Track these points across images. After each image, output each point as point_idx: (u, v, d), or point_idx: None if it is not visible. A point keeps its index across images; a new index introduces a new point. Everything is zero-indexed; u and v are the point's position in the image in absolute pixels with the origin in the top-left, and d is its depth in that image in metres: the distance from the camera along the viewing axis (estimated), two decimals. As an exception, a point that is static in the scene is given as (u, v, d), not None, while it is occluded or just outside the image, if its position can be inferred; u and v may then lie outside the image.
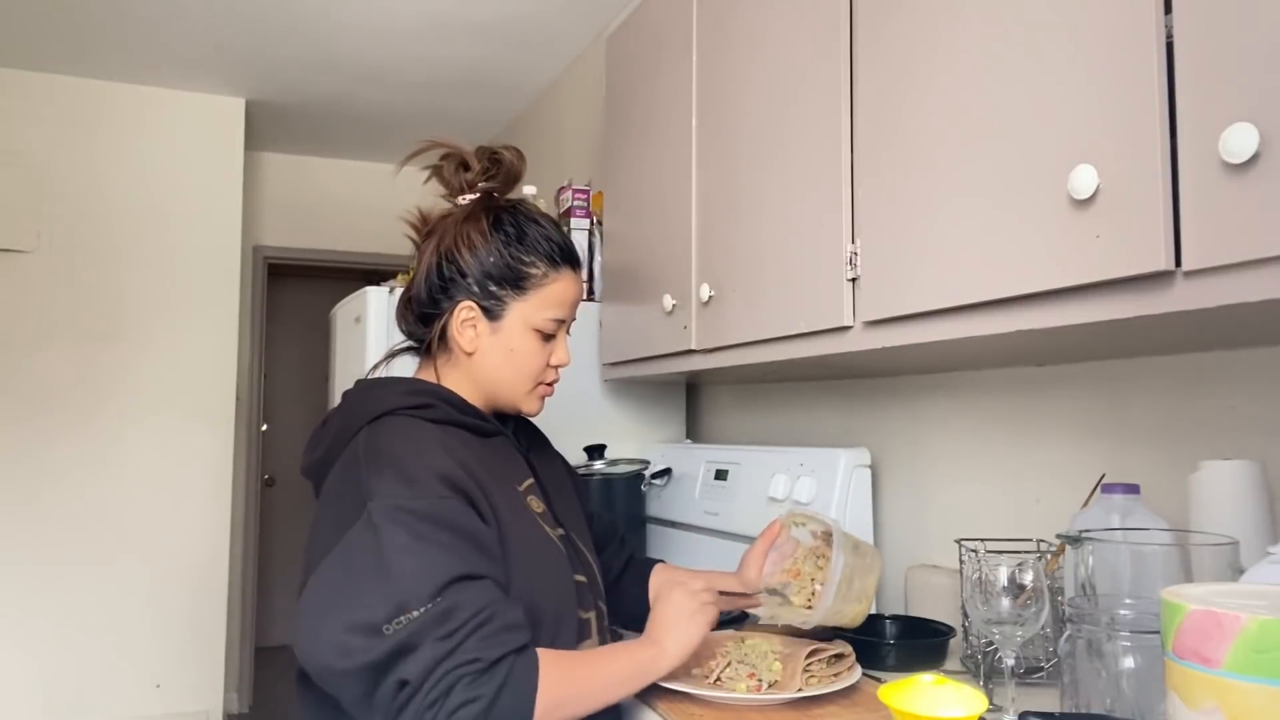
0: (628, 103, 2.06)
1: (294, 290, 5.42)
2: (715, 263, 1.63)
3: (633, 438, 2.32)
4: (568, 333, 1.21)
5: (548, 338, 1.17)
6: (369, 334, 2.19)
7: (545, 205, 2.46)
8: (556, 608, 1.08)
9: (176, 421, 3.58)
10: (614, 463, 2.09)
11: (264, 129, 4.06)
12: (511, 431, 1.22)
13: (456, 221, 1.16)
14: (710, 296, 1.62)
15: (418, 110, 3.80)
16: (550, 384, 1.21)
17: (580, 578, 1.15)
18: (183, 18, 2.96)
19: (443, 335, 1.16)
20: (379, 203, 4.52)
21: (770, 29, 1.49)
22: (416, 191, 1.26)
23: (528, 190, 2.44)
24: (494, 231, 1.15)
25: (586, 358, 2.22)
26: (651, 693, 1.14)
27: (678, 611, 1.09)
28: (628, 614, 1.35)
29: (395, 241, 5.16)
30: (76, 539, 3.41)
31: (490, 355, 1.15)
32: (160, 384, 3.57)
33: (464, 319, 1.14)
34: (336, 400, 2.92)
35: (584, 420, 2.24)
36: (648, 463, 2.13)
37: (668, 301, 1.77)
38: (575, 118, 3.20)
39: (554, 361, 1.19)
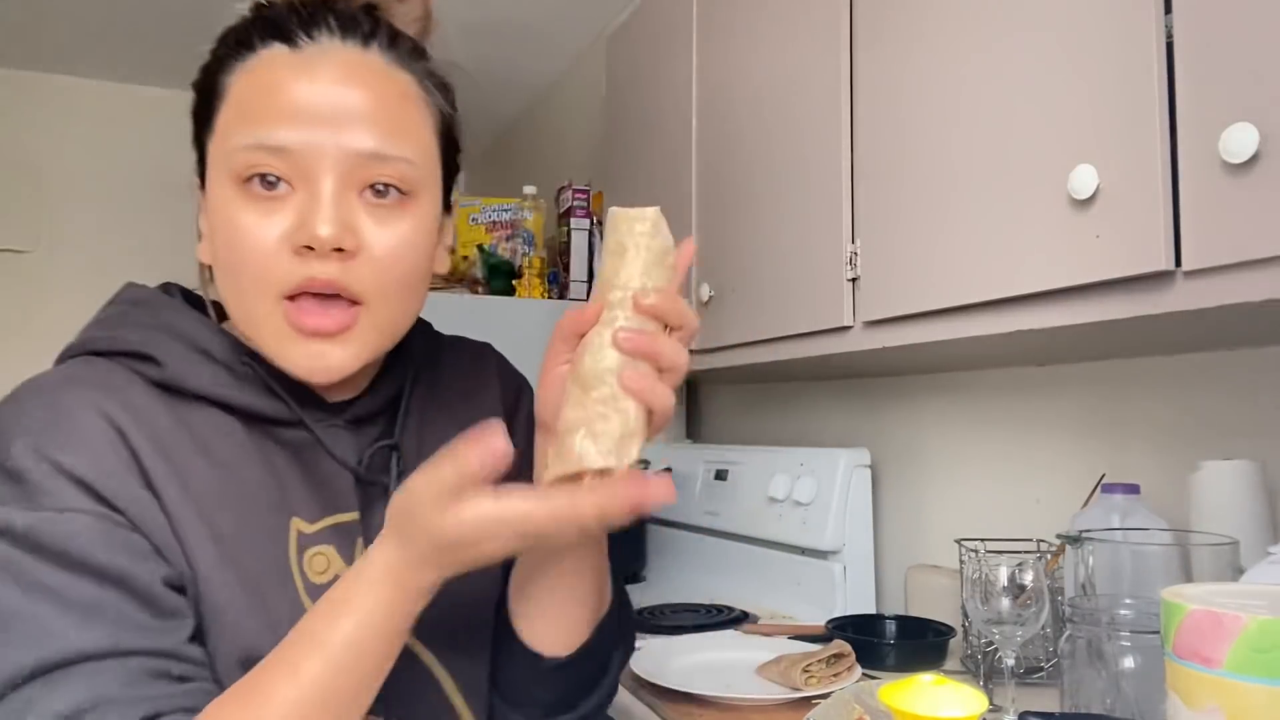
0: (628, 103, 2.06)
1: (294, 290, 5.42)
2: (715, 263, 1.63)
3: (633, 438, 2.32)
4: (338, 186, 0.63)
5: (267, 183, 0.62)
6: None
7: (545, 205, 2.46)
8: None
9: (176, 421, 3.58)
10: (614, 463, 2.09)
11: (264, 129, 4.06)
12: (365, 419, 0.73)
13: None
14: (710, 296, 1.62)
15: (418, 110, 3.80)
16: (313, 294, 0.63)
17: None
18: (183, 18, 2.96)
19: None
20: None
21: (770, 29, 1.49)
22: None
23: (528, 190, 2.44)
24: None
25: (586, 358, 2.22)
26: (652, 693, 1.14)
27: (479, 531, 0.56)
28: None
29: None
30: (76, 539, 3.40)
31: (215, 256, 0.67)
32: (160, 384, 3.56)
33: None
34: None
35: (584, 420, 2.23)
36: (648, 463, 2.13)
37: (668, 301, 1.77)
38: (575, 118, 3.20)
39: (298, 239, 0.61)
